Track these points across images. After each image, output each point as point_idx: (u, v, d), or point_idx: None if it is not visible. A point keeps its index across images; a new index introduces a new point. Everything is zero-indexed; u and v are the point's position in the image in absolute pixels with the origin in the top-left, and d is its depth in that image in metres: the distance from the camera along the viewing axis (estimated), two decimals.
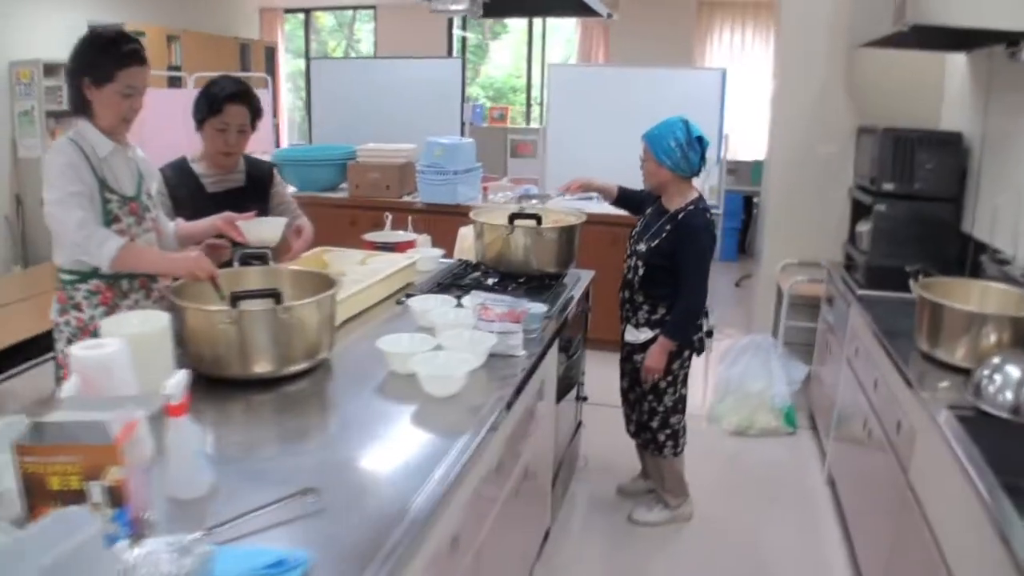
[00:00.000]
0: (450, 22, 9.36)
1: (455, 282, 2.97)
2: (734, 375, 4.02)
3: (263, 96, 6.42)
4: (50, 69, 6.26)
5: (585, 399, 3.44)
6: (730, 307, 6.10)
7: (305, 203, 5.66)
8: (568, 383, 3.01)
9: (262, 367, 2.00)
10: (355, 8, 10.12)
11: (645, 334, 2.96)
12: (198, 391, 1.86)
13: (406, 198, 5.43)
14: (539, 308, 2.50)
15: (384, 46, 9.61)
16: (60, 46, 6.73)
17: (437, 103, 6.19)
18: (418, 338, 2.19)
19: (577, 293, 3.05)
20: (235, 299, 1.97)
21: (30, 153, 6.27)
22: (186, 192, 2.78)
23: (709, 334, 5.40)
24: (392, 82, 6.28)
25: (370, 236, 3.41)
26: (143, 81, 2.27)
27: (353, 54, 11.41)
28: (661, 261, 2.87)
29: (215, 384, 1.96)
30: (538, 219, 2.90)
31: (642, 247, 2.92)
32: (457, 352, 2.08)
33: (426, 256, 3.25)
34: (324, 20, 12.14)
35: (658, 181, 2.90)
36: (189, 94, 6.04)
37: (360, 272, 2.91)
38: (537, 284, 2.95)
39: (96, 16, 7.05)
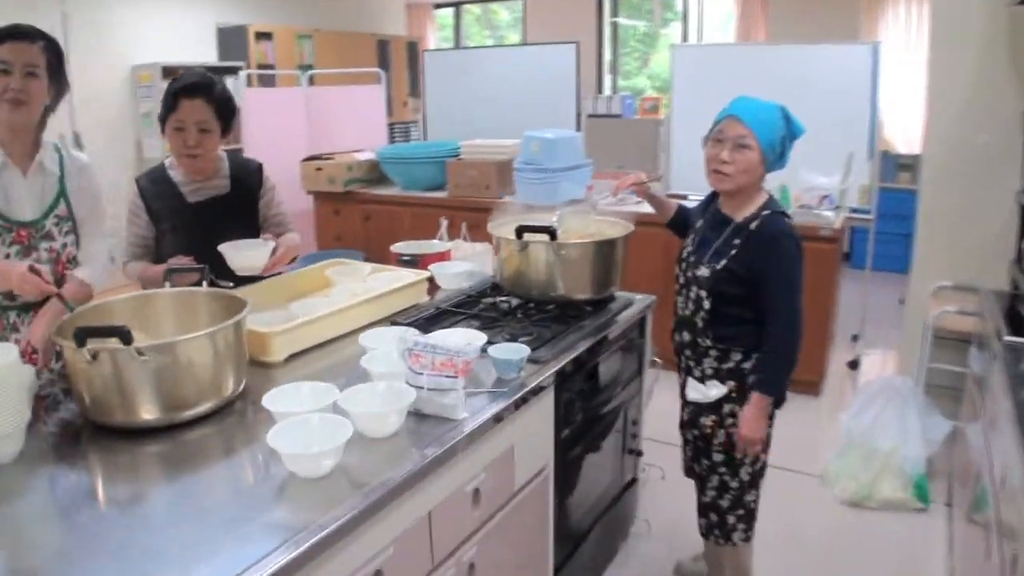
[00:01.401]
0: (600, 7, 8.75)
1: (460, 308, 2.45)
2: (859, 427, 3.19)
3: (374, 92, 6.24)
4: (169, 72, 6.37)
5: (639, 454, 2.80)
6: (889, 329, 5.09)
7: (406, 203, 5.40)
8: (596, 437, 2.41)
9: (149, 414, 1.65)
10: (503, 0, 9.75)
11: (716, 390, 2.22)
12: (88, 439, 1.66)
13: (507, 198, 4.94)
14: (516, 352, 1.93)
15: (533, 36, 9.17)
16: (184, 49, 6.94)
17: (553, 93, 5.64)
18: (320, 389, 1.71)
19: (622, 324, 2.44)
20: (81, 336, 1.58)
21: (152, 154, 6.41)
22: (164, 204, 2.48)
23: (854, 364, 4.57)
24: (506, 72, 5.82)
25: (397, 247, 2.96)
26: (21, 57, 1.90)
27: None
28: (733, 289, 2.13)
29: (110, 431, 1.66)
30: (552, 233, 2.30)
31: (704, 272, 2.19)
32: (350, 416, 1.57)
33: (448, 273, 2.75)
34: (501, 15, 11.84)
35: (749, 180, 2.13)
36: (302, 92, 5.97)
37: (355, 291, 2.47)
38: (560, 313, 2.38)
39: (223, 18, 7.14)
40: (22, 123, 1.97)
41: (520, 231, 2.32)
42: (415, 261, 2.85)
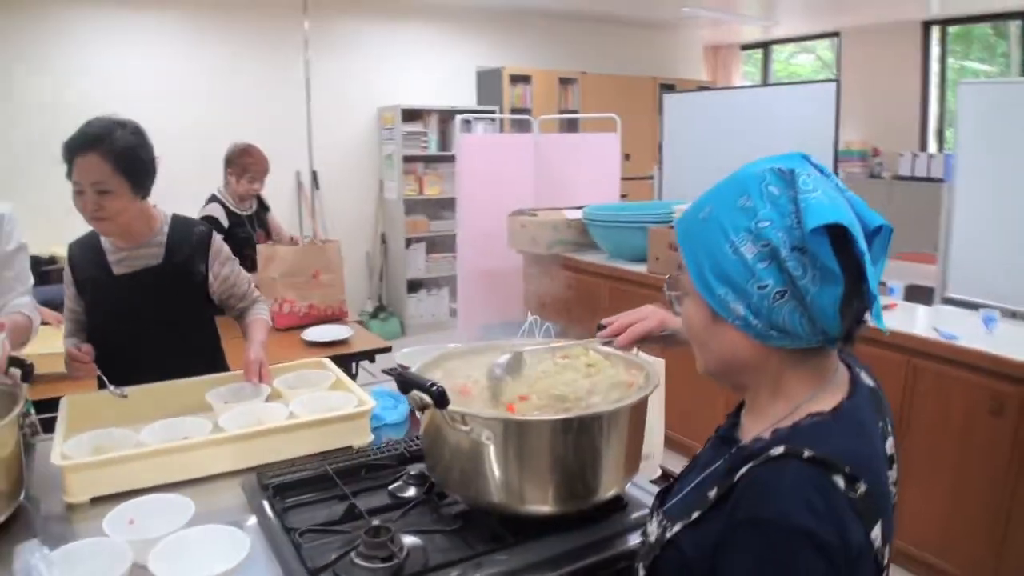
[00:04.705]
0: (925, 46, 6.98)
1: (356, 477, 1.62)
2: None
3: (607, 140, 5.36)
4: (408, 114, 6.19)
5: None
6: None
7: (602, 275, 4.45)
8: None
9: None
10: (813, 38, 8.28)
11: None
12: None
13: None
14: None
15: (850, 75, 7.69)
16: (442, 91, 6.72)
17: (810, 143, 4.38)
18: None
19: (609, 553, 1.40)
20: None
21: (390, 195, 6.29)
22: (89, 274, 2.09)
23: None
24: (754, 117, 4.68)
25: (400, 354, 2.17)
26: None
27: None
28: None
29: None
30: (439, 398, 1.34)
31: (652, 529, 1.11)
32: None
33: None
34: None
35: (715, 359, 1.03)
36: (530, 139, 5.33)
37: (260, 417, 1.79)
38: (484, 531, 1.43)
39: (483, 61, 6.88)
40: None
41: (403, 383, 1.40)
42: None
